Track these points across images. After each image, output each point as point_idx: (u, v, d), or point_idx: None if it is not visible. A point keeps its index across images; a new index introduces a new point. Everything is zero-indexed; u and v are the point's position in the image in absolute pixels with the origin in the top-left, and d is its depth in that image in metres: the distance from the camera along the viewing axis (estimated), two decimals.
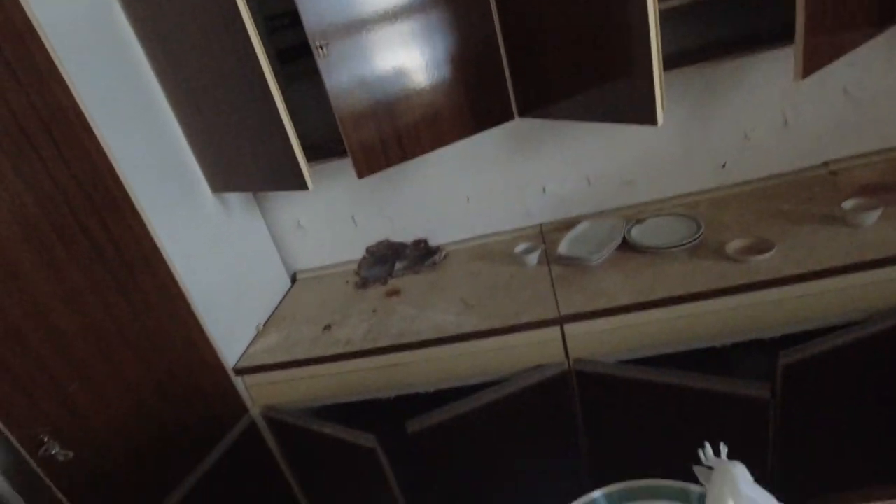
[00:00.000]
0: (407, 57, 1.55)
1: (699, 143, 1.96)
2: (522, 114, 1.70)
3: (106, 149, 1.45)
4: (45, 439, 1.24)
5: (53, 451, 1.25)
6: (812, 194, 1.82)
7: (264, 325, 2.01)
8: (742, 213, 1.82)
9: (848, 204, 1.60)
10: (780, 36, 1.56)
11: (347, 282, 2.18)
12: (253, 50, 1.37)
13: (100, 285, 1.43)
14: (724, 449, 0.87)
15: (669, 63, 1.50)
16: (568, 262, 1.81)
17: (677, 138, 1.95)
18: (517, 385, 1.62)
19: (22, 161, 1.28)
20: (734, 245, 1.61)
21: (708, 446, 0.87)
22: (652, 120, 1.24)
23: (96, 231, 1.43)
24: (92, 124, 1.42)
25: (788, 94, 1.86)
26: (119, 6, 1.58)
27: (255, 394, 1.83)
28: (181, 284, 1.64)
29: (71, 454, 1.28)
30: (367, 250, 2.27)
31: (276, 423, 1.85)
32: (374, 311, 1.90)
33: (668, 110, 1.28)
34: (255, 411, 1.85)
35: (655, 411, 1.59)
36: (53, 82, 1.35)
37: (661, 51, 1.18)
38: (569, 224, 2.04)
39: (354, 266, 2.26)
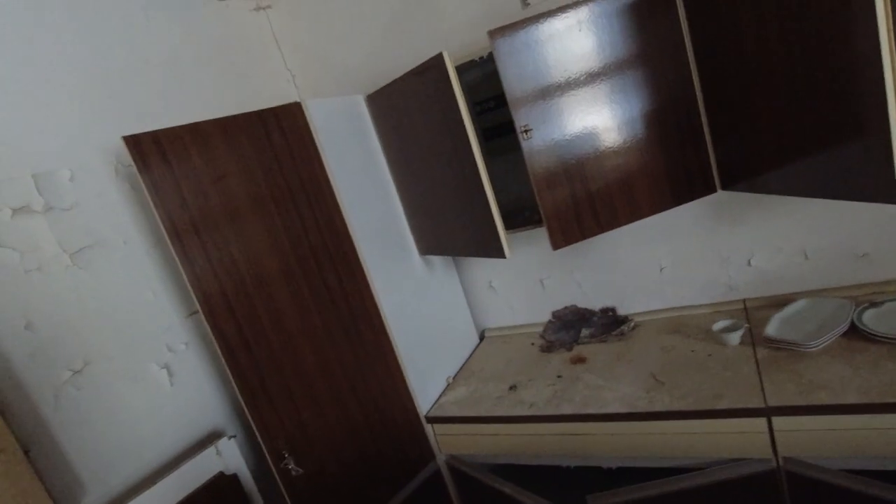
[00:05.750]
0: (601, 124, 1.60)
1: None
2: (726, 186, 1.63)
3: (345, 214, 1.79)
4: (286, 454, 1.52)
5: (290, 466, 1.52)
6: None
7: (454, 378, 2.17)
8: None
9: None
10: None
11: (533, 344, 2.25)
12: (465, 130, 1.58)
13: (332, 328, 1.73)
14: None
15: None
16: (778, 345, 1.63)
17: None
18: (716, 476, 1.48)
19: (287, 217, 1.67)
20: None
21: None
22: (892, 197, 1.10)
23: (332, 282, 1.75)
24: (337, 195, 1.77)
25: None
26: (364, 103, 1.96)
27: (443, 442, 1.98)
28: (390, 333, 1.88)
29: (301, 471, 1.54)
30: (554, 314, 2.32)
31: (458, 473, 1.96)
32: (558, 376, 1.93)
33: None
34: (441, 458, 1.99)
35: None
36: (315, 160, 1.73)
37: None
38: (779, 302, 1.84)
39: (540, 329, 2.33)
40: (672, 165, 1.64)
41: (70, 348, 1.49)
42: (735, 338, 1.73)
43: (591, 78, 1.58)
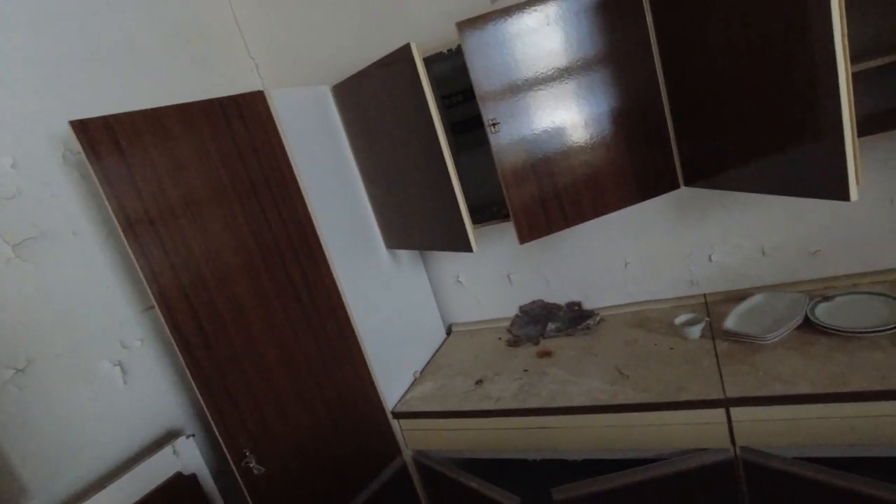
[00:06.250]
0: (568, 121, 1.61)
1: None
2: (689, 183, 1.66)
3: (310, 207, 1.75)
4: (247, 453, 1.48)
5: (251, 465, 1.47)
6: None
7: (421, 373, 2.15)
8: None
9: None
10: None
11: (500, 338, 2.25)
12: (433, 124, 1.56)
13: (296, 323, 1.69)
14: None
15: (864, 129, 1.37)
16: (736, 338, 1.68)
17: (881, 205, 1.72)
18: (676, 466, 1.52)
19: (250, 210, 1.61)
20: None
21: None
22: (843, 195, 1.14)
23: (296, 276, 1.71)
24: (301, 187, 1.73)
25: None
26: (330, 94, 1.91)
27: (409, 438, 1.96)
28: (355, 327, 1.85)
29: (263, 469, 1.50)
30: (521, 309, 2.33)
31: (425, 469, 1.95)
32: (525, 370, 1.93)
33: (867, 177, 1.16)
34: (407, 454, 1.97)
35: None
36: (279, 152, 1.68)
37: (854, 115, 1.09)
38: (738, 296, 1.89)
39: (507, 323, 2.34)
40: (638, 162, 1.67)
41: (12, 346, 1.40)
42: (696, 331, 1.77)
43: (560, 74, 1.58)
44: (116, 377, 1.60)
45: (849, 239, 1.80)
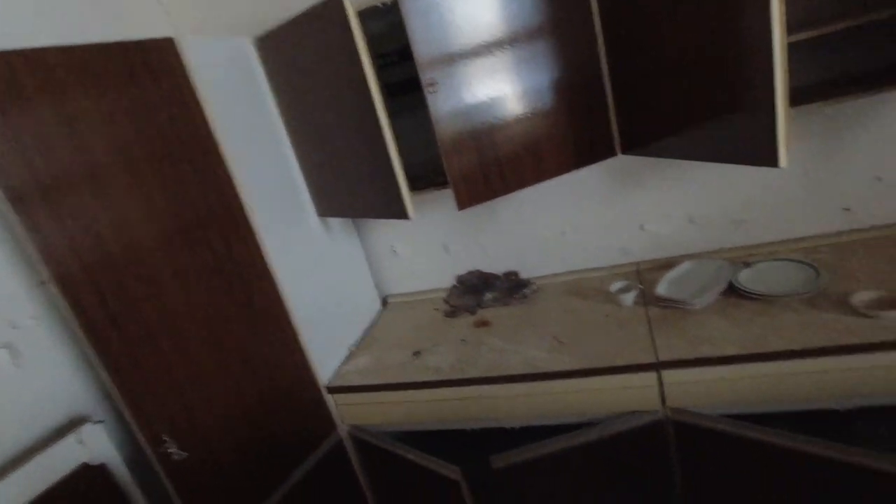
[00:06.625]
0: (509, 89, 1.57)
1: (822, 184, 1.81)
2: (626, 150, 1.67)
3: (233, 173, 1.60)
4: (166, 438, 1.35)
5: (171, 450, 1.35)
6: None
7: (356, 347, 2.08)
8: (870, 262, 1.65)
9: None
10: None
11: (437, 309, 2.21)
12: (367, 85, 1.46)
13: (219, 296, 1.56)
14: None
15: (792, 99, 1.41)
16: (667, 304, 1.73)
17: (796, 177, 1.82)
18: (609, 430, 1.55)
19: (163, 177, 1.45)
20: (862, 297, 1.47)
21: None
22: (773, 161, 1.17)
23: (219, 246, 1.57)
24: (222, 150, 1.57)
25: None
26: (253, 47, 1.74)
27: (345, 413, 1.89)
28: (285, 301, 1.74)
29: (185, 454, 1.38)
30: (458, 279, 2.30)
31: (361, 444, 1.90)
32: (463, 340, 1.91)
33: (789, 148, 1.20)
34: (343, 429, 1.91)
35: (765, 475, 1.45)
36: (194, 109, 1.51)
37: (787, 86, 1.12)
38: (668, 264, 1.95)
39: (444, 294, 2.30)
40: (577, 130, 1.65)
41: None
42: (629, 298, 1.81)
43: (502, 42, 1.53)
44: (4, 361, 1.40)
45: (768, 209, 1.89)
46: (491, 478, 1.59)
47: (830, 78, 1.66)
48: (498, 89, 1.57)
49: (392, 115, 1.56)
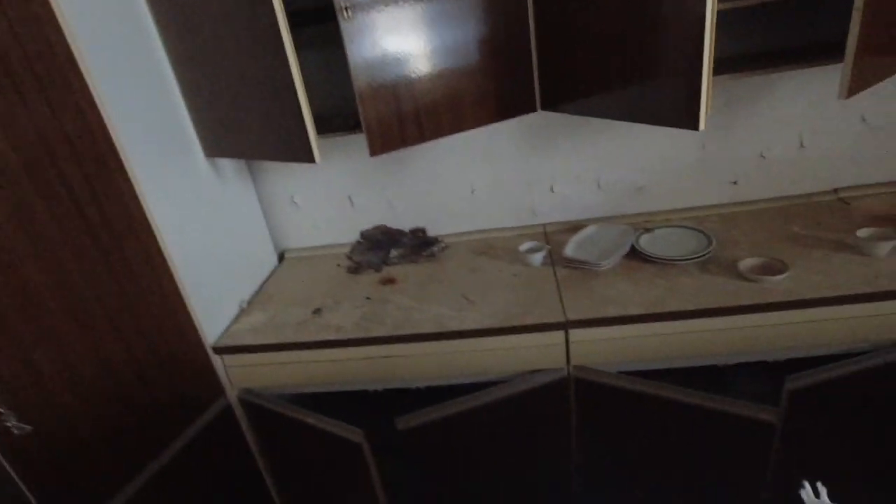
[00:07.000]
0: (435, 34, 1.45)
1: (715, 157, 1.92)
2: (546, 106, 1.63)
3: (97, 98, 1.32)
4: (2, 410, 1.11)
5: (9, 424, 1.12)
6: (823, 220, 1.80)
7: (248, 304, 1.89)
8: (752, 232, 1.79)
9: (863, 232, 1.58)
10: (814, 53, 1.53)
11: (339, 265, 2.07)
12: (272, 8, 1.26)
13: (77, 243, 1.30)
14: (823, 490, 0.83)
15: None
16: (575, 265, 1.75)
17: (694, 149, 1.91)
18: (514, 388, 1.55)
19: (1, 101, 1.15)
20: (747, 263, 1.58)
21: (808, 486, 0.83)
22: (694, 125, 1.19)
23: (78, 184, 1.30)
24: (84, 69, 1.28)
25: (808, 117, 1.83)
26: None
27: (234, 375, 1.72)
28: (165, 251, 1.51)
29: (29, 428, 1.15)
30: (362, 234, 2.17)
31: (253, 408, 1.74)
32: (367, 298, 1.80)
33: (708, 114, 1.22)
34: (232, 394, 1.74)
35: (654, 425, 1.55)
36: (45, 20, 1.21)
37: (713, 52, 1.12)
38: (574, 227, 1.98)
39: (347, 249, 2.16)
40: (500, 84, 1.58)
41: None
42: (538, 259, 1.81)
43: None
44: None
45: (667, 178, 1.97)
46: (395, 440, 1.54)
47: (741, 52, 1.72)
48: (422, 34, 1.44)
49: (299, 49, 1.37)
